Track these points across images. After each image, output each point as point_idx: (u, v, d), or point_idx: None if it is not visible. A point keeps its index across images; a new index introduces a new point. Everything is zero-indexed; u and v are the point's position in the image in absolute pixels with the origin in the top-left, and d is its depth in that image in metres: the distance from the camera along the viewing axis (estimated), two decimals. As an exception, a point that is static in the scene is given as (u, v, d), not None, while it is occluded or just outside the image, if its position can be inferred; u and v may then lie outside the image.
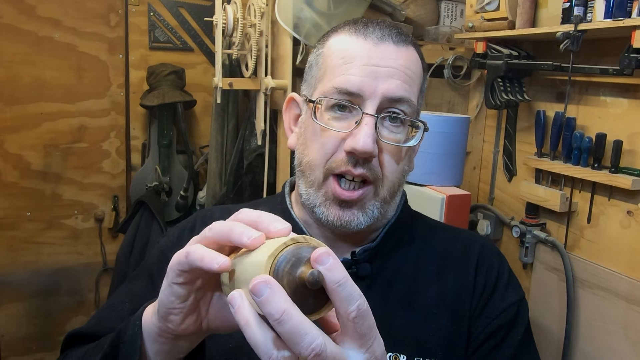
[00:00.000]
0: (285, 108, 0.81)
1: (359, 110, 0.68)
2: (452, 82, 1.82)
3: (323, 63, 0.73)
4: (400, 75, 0.69)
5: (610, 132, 1.35)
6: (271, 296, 0.40)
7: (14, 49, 2.04)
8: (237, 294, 0.43)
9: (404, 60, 0.70)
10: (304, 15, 1.54)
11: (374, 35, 0.70)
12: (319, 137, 0.70)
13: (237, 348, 0.70)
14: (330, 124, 0.69)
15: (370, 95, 0.67)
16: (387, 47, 0.69)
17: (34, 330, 2.21)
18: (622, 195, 1.34)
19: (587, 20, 1.31)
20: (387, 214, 0.78)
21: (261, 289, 0.40)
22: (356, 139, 0.66)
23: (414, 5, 1.85)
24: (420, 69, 0.74)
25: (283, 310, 0.40)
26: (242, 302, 0.42)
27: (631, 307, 1.30)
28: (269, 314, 0.40)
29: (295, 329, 0.40)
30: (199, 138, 2.35)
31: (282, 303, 0.40)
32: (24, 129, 2.10)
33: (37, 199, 2.15)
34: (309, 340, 0.40)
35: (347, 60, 0.69)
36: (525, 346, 0.76)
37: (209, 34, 2.29)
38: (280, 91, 1.65)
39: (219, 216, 0.80)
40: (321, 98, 0.70)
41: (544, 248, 1.56)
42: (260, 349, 0.41)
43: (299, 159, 0.74)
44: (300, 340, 0.40)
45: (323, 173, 0.70)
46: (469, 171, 1.87)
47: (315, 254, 0.41)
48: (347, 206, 0.70)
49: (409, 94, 0.70)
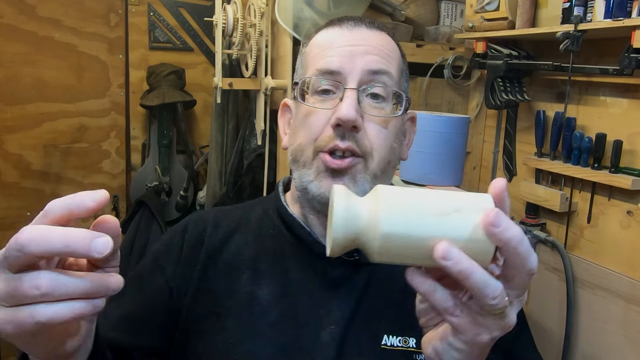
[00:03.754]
0: (280, 114, 0.83)
1: (341, 87, 0.70)
2: (452, 82, 1.82)
3: (305, 59, 0.77)
4: (377, 52, 0.72)
5: (610, 132, 1.35)
6: (508, 222, 0.41)
7: (14, 49, 2.04)
8: (445, 245, 0.42)
9: (378, 40, 0.73)
10: (304, 15, 1.54)
11: (349, 23, 0.74)
12: (306, 120, 0.72)
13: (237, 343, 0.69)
14: (316, 105, 0.71)
15: (350, 71, 0.70)
16: (360, 30, 0.74)
17: (34, 330, 2.21)
18: (622, 195, 1.34)
19: (587, 20, 1.31)
20: None
21: (500, 218, 0.41)
22: (339, 109, 0.67)
23: (414, 5, 1.85)
24: (397, 51, 0.76)
25: (520, 230, 0.41)
26: (460, 253, 0.42)
27: (631, 307, 1.30)
28: (511, 237, 0.41)
29: (527, 247, 0.42)
30: (199, 138, 2.35)
31: (516, 225, 0.42)
32: (24, 129, 2.09)
33: (37, 199, 2.15)
34: (533, 253, 0.43)
35: (325, 47, 0.73)
36: (524, 326, 0.81)
37: (209, 34, 2.29)
38: (280, 91, 1.65)
39: (213, 218, 0.80)
40: (304, 79, 0.73)
41: (544, 248, 1.56)
42: (491, 287, 0.42)
43: (291, 150, 0.76)
44: (532, 253, 0.42)
45: (312, 152, 0.71)
46: (469, 171, 1.87)
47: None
48: (339, 176, 0.70)
49: (387, 67, 0.72)
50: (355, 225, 0.44)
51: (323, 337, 0.69)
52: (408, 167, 1.51)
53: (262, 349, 0.69)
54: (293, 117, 0.78)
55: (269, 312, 0.71)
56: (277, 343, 0.69)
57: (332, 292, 0.72)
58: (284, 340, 0.69)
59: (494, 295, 0.42)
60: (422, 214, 0.43)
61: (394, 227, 0.42)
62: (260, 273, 0.74)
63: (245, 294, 0.72)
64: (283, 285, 0.73)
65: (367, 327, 0.71)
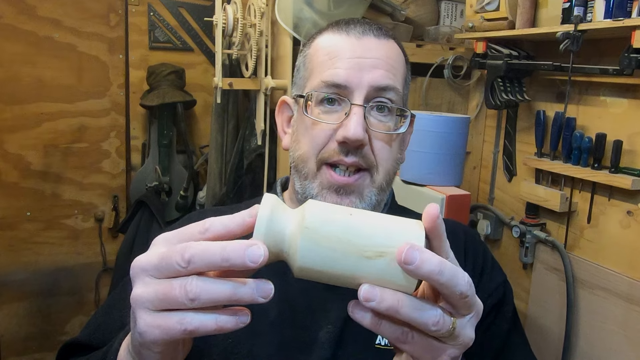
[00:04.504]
0: (278, 111, 0.83)
1: (347, 102, 0.70)
2: (452, 82, 1.82)
3: (309, 62, 0.76)
4: (384, 65, 0.71)
5: (610, 132, 1.35)
6: (424, 255, 0.40)
7: (14, 49, 2.04)
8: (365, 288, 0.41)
9: (386, 51, 0.73)
10: (304, 15, 1.54)
11: (356, 30, 0.73)
12: (310, 130, 0.72)
13: (237, 343, 0.70)
14: (321, 117, 0.71)
15: (357, 86, 0.69)
16: (369, 40, 0.72)
17: (34, 330, 2.21)
18: (622, 195, 1.34)
19: (587, 20, 1.31)
20: (382, 204, 0.79)
21: (412, 254, 0.40)
22: (347, 128, 0.67)
23: (414, 5, 1.85)
24: (402, 59, 0.77)
25: (439, 261, 0.41)
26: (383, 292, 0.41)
27: (631, 307, 1.30)
28: (429, 271, 0.40)
29: (452, 271, 0.41)
30: (199, 138, 2.35)
31: (434, 257, 0.41)
32: (24, 129, 2.10)
33: (37, 199, 2.15)
34: (462, 275, 0.42)
35: (332, 55, 0.72)
36: (515, 322, 0.83)
37: (209, 34, 2.29)
38: (280, 91, 1.65)
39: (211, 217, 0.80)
40: (310, 92, 0.72)
41: (544, 248, 1.56)
42: (426, 315, 0.41)
43: (292, 156, 0.76)
44: (458, 279, 0.41)
45: (316, 163, 0.71)
46: (469, 171, 1.87)
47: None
48: (345, 193, 0.70)
49: (394, 82, 0.72)
50: (275, 243, 0.43)
51: (320, 337, 0.70)
52: (408, 167, 1.51)
53: (261, 349, 0.69)
54: (295, 122, 0.77)
55: (268, 312, 0.71)
56: (275, 343, 0.69)
57: (329, 292, 0.72)
58: (282, 340, 0.70)
59: (434, 322, 0.42)
60: (343, 255, 0.42)
61: (311, 263, 0.42)
62: (259, 272, 0.74)
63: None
64: (281, 285, 0.73)
65: (363, 327, 0.71)
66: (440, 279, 0.41)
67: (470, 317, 0.45)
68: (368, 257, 0.42)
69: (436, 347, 0.44)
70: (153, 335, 0.42)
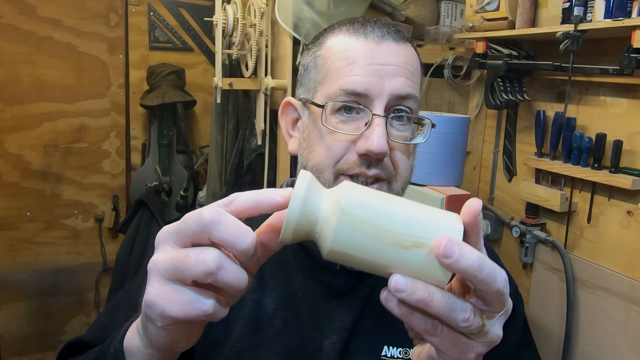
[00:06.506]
0: (281, 113, 0.79)
1: (367, 111, 0.66)
2: (452, 82, 1.82)
3: (323, 65, 0.71)
4: (404, 72, 0.68)
5: (610, 132, 1.35)
6: (463, 249, 0.40)
7: (14, 49, 2.04)
8: (396, 278, 0.40)
9: (405, 57, 0.69)
10: (304, 15, 1.54)
11: (374, 34, 0.69)
12: (325, 140, 0.69)
13: (241, 352, 0.69)
14: (338, 127, 0.68)
15: (378, 94, 0.66)
16: (388, 45, 0.68)
17: (34, 330, 2.21)
18: (622, 195, 1.34)
19: (587, 20, 1.31)
20: None
21: (451, 247, 0.39)
22: (370, 141, 0.65)
23: (414, 5, 1.85)
24: (419, 65, 0.74)
25: (478, 256, 0.40)
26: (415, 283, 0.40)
27: (631, 307, 1.30)
28: (467, 266, 0.39)
29: (492, 266, 0.40)
30: (199, 138, 2.35)
31: (474, 251, 0.40)
32: (24, 129, 2.09)
33: (37, 199, 2.15)
34: (500, 272, 0.41)
35: (350, 61, 0.68)
36: (526, 335, 0.82)
37: (209, 34, 2.29)
38: (280, 91, 1.65)
39: None
40: (327, 102, 0.68)
41: (544, 248, 1.56)
42: (457, 311, 0.41)
43: (303, 164, 0.73)
44: (496, 275, 0.40)
45: (333, 174, 0.68)
46: (469, 171, 1.87)
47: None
48: None
49: (414, 90, 0.69)
50: (308, 222, 0.42)
51: (325, 347, 0.69)
52: (408, 167, 1.51)
53: (265, 359, 0.69)
54: (306, 128, 0.73)
55: (273, 321, 0.70)
56: (280, 352, 0.69)
57: (335, 301, 0.71)
58: (287, 350, 0.69)
59: (464, 318, 0.41)
60: (378, 241, 0.41)
61: (344, 247, 0.41)
62: (264, 281, 0.73)
63: (251, 301, 0.72)
64: (287, 294, 0.72)
65: (368, 337, 0.71)
66: (479, 275, 0.40)
67: (500, 315, 0.44)
68: (404, 247, 0.40)
69: (464, 343, 0.43)
70: (162, 308, 0.42)
